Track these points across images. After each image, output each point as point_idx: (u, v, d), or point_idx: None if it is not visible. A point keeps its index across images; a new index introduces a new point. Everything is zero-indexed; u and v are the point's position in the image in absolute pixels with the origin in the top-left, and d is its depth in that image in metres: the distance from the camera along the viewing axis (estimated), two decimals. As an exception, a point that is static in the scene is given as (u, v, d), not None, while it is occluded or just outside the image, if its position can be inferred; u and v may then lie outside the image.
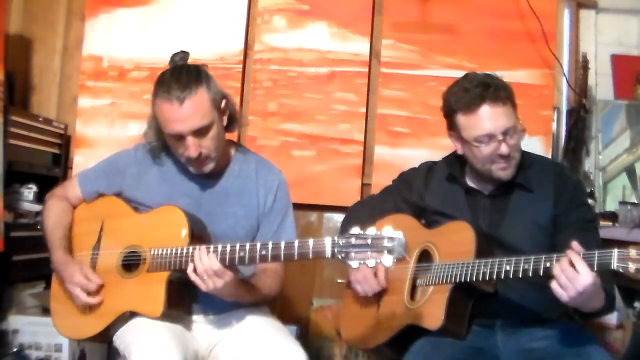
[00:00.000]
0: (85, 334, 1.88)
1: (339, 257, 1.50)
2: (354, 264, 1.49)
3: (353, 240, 1.48)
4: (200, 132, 1.77)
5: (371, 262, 1.47)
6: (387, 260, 1.45)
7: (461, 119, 1.83)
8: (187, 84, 1.75)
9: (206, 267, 1.63)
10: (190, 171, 1.89)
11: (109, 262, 1.86)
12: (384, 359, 2.07)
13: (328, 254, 1.53)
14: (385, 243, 1.45)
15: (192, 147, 1.77)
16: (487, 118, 1.78)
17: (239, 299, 1.81)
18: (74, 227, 1.97)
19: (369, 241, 1.47)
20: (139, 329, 1.72)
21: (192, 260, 1.67)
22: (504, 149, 1.79)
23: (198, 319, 1.88)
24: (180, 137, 1.77)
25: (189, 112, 1.74)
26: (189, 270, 1.68)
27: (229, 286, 1.68)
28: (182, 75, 1.77)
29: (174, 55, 1.85)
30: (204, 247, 1.67)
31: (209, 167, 1.85)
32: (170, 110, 1.74)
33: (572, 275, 1.48)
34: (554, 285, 1.52)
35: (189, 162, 1.83)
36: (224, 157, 1.91)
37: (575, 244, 1.53)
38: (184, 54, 1.85)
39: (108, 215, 1.93)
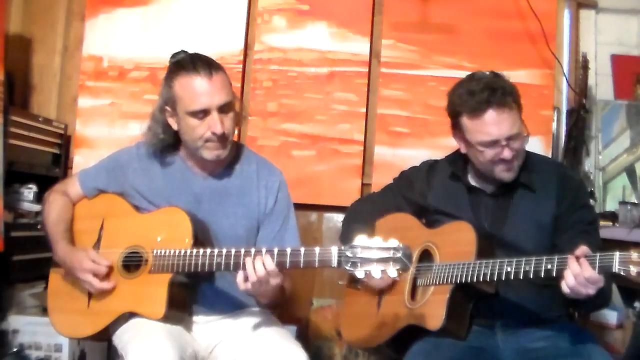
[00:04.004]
0: (83, 333, 1.88)
1: (345, 267, 1.51)
2: (359, 273, 1.49)
3: (359, 251, 1.49)
4: (223, 109, 1.80)
5: (377, 274, 1.48)
6: (392, 271, 1.47)
7: (466, 121, 1.81)
8: (211, 63, 1.82)
9: (260, 271, 1.61)
10: (192, 170, 1.90)
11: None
12: (384, 359, 2.07)
13: (334, 263, 1.54)
14: (391, 255, 1.46)
15: (218, 123, 1.78)
16: (492, 124, 1.77)
17: (274, 299, 1.81)
18: (73, 224, 1.97)
19: (375, 252, 1.48)
20: (136, 329, 1.72)
21: (243, 271, 1.63)
22: (506, 153, 1.78)
23: (198, 320, 1.88)
24: (205, 114, 1.78)
25: (218, 86, 1.79)
26: (240, 282, 1.64)
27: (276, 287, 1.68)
28: (201, 57, 1.84)
29: (175, 54, 1.88)
30: (249, 258, 1.63)
31: (225, 151, 1.85)
32: (201, 83, 1.77)
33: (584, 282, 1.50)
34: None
35: (208, 143, 1.81)
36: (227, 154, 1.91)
37: (582, 248, 1.52)
38: (185, 54, 1.88)
39: (109, 214, 1.93)
